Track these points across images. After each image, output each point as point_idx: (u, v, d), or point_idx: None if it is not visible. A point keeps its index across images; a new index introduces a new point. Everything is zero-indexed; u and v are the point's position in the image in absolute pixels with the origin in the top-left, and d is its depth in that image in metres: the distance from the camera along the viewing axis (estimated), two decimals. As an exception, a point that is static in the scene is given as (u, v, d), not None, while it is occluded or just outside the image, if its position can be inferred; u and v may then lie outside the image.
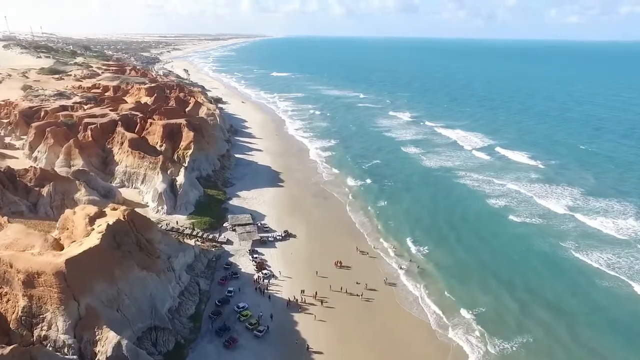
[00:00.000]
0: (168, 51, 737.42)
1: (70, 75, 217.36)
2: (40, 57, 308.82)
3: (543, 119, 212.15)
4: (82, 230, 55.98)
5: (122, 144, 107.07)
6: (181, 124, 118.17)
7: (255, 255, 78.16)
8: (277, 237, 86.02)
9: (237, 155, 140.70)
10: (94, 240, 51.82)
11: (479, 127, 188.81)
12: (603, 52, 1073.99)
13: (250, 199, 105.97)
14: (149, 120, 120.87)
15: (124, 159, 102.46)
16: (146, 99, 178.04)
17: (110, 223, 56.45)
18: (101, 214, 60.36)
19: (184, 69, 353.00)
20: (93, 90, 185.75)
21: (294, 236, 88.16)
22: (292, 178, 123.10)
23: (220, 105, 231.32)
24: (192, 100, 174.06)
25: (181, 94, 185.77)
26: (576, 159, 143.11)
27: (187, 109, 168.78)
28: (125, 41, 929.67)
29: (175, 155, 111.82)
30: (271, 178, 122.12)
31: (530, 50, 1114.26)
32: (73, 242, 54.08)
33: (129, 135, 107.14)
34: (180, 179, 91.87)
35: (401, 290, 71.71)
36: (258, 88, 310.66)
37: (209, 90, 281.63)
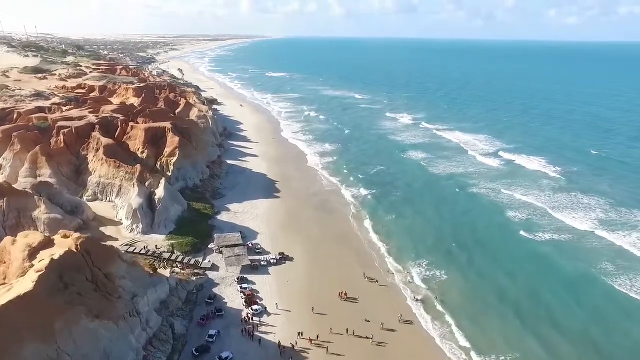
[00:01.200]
0: (165, 51, 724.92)
1: (55, 74, 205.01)
2: (27, 56, 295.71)
3: (547, 120, 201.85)
4: (18, 268, 43.98)
5: (97, 150, 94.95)
6: (166, 128, 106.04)
7: (244, 286, 66.08)
8: (271, 261, 73.97)
9: (229, 162, 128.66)
10: (27, 284, 39.71)
11: (481, 130, 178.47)
12: (603, 53, 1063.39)
13: (242, 213, 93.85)
14: (130, 124, 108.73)
15: (98, 168, 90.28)
16: (134, 100, 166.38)
17: (57, 257, 44.37)
18: (48, 244, 48.26)
19: (179, 69, 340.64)
20: (77, 91, 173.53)
21: (291, 259, 76.10)
22: (289, 188, 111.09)
23: (215, 106, 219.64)
24: (182, 102, 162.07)
25: (172, 95, 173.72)
26: (588, 165, 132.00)
27: (177, 111, 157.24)
28: (123, 41, 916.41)
29: (159, 163, 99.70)
30: (266, 188, 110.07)
31: (530, 51, 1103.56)
32: (3, 284, 41.90)
33: (104, 140, 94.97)
34: (160, 192, 79.70)
35: (419, 330, 59.67)
36: (255, 89, 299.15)
37: (204, 91, 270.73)
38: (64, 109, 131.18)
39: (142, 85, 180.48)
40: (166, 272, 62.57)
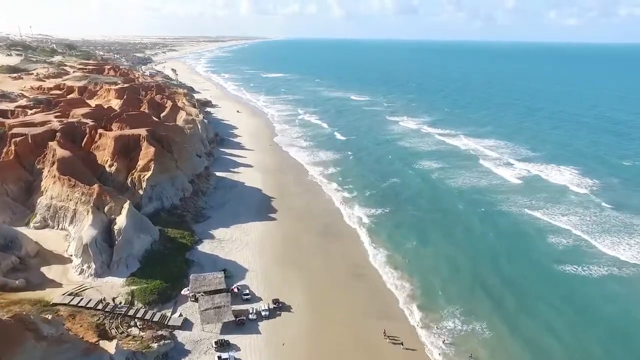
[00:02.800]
0: (163, 52, 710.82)
1: (33, 74, 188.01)
2: (10, 55, 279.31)
3: (556, 123, 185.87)
4: None
5: (53, 164, 77.85)
6: (140, 136, 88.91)
7: (224, 356, 48.78)
8: (262, 313, 56.77)
9: (218, 174, 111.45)
10: None
11: (489, 135, 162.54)
12: (603, 54, 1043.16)
13: (229, 240, 76.66)
14: (99, 131, 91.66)
15: (50, 186, 73.11)
16: (116, 102, 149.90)
17: None
18: None
19: (172, 69, 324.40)
20: (53, 92, 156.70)
21: (288, 308, 58.98)
22: (287, 206, 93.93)
23: (208, 108, 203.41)
24: (168, 104, 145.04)
25: (158, 97, 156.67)
26: (615, 176, 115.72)
27: (162, 115, 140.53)
28: (122, 42, 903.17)
29: (129, 179, 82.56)
30: (260, 206, 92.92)
31: (530, 52, 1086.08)
32: None
33: (60, 152, 77.81)
34: (121, 220, 62.52)
35: None
36: (253, 90, 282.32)
37: (199, 92, 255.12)
38: (29, 112, 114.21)
39: (125, 86, 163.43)
40: (117, 338, 45.28)
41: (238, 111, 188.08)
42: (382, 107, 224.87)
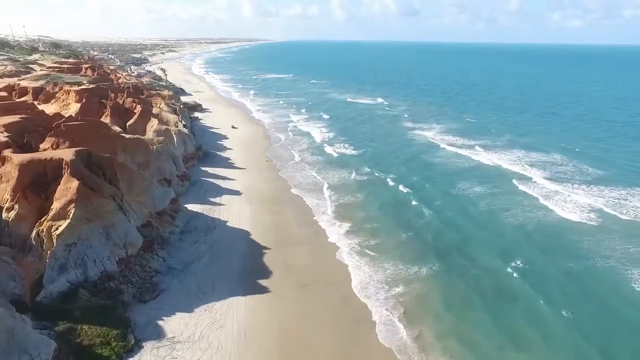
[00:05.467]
0: (162, 53, 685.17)
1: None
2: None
3: (588, 131, 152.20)
4: None
5: None
6: (63, 162, 58.73)
7: None
8: None
9: (192, 207, 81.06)
10: None
11: (512, 146, 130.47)
12: (610, 56, 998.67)
13: (188, 342, 46.02)
14: (4, 154, 61.61)
15: None
16: (77, 106, 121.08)
17: None
18: None
19: (161, 68, 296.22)
20: (1, 94, 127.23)
21: None
22: (286, 263, 63.48)
23: (196, 113, 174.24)
24: (137, 110, 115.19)
25: (128, 100, 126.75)
26: None
27: (128, 123, 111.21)
28: (122, 44, 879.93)
29: (34, 232, 52.39)
30: (246, 266, 62.42)
31: (533, 53, 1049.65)
32: None
33: None
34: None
35: None
36: (249, 93, 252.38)
37: (190, 94, 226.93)
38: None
39: (90, 87, 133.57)
40: None
41: (233, 126, 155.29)
42: (385, 111, 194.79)
